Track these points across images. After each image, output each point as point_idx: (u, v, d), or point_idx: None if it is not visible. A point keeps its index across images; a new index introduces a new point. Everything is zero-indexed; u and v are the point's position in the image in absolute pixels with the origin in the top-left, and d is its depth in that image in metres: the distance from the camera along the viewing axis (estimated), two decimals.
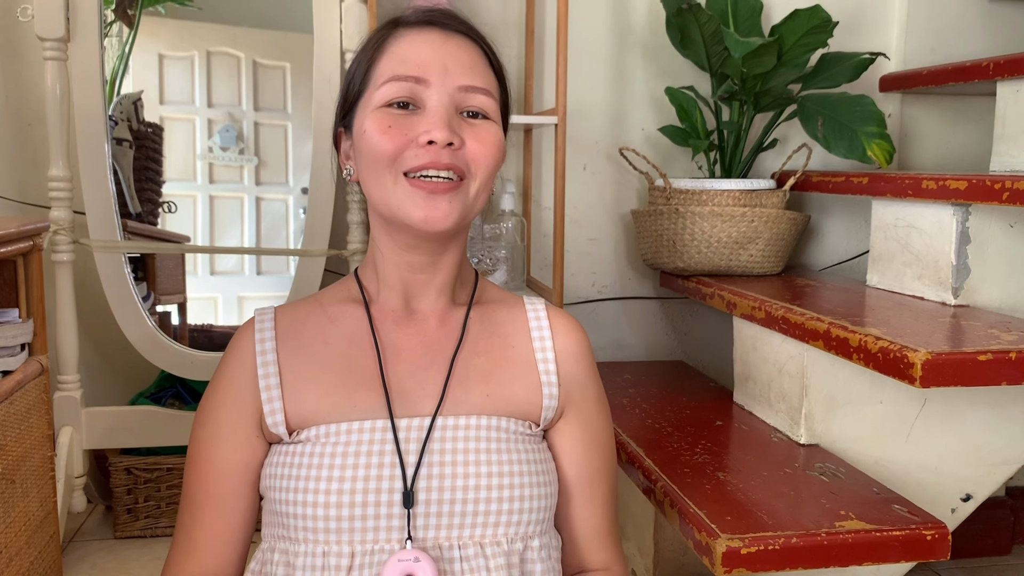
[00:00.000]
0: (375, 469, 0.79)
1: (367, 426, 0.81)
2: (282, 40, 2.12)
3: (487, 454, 0.81)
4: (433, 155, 0.78)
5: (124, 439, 1.80)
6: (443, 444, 0.81)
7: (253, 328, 0.87)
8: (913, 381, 1.11)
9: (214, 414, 0.86)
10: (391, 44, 0.82)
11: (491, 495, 0.80)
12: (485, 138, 0.81)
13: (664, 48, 1.93)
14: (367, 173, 0.82)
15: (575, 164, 1.99)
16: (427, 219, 0.78)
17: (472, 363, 0.86)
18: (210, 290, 2.16)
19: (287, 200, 2.15)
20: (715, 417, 1.55)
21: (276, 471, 0.82)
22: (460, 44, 0.82)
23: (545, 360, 0.89)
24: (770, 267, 1.79)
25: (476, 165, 0.80)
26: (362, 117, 0.82)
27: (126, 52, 2.02)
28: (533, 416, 0.87)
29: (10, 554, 1.27)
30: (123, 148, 1.96)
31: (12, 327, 1.32)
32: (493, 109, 0.83)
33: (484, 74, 0.83)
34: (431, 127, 0.78)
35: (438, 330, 0.87)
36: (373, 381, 0.83)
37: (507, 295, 0.95)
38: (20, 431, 1.32)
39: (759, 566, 1.06)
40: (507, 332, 0.90)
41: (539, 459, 0.85)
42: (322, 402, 0.82)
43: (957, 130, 2.06)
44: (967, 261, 1.43)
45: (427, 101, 0.80)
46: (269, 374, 0.84)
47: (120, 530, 1.83)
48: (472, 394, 0.85)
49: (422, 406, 0.83)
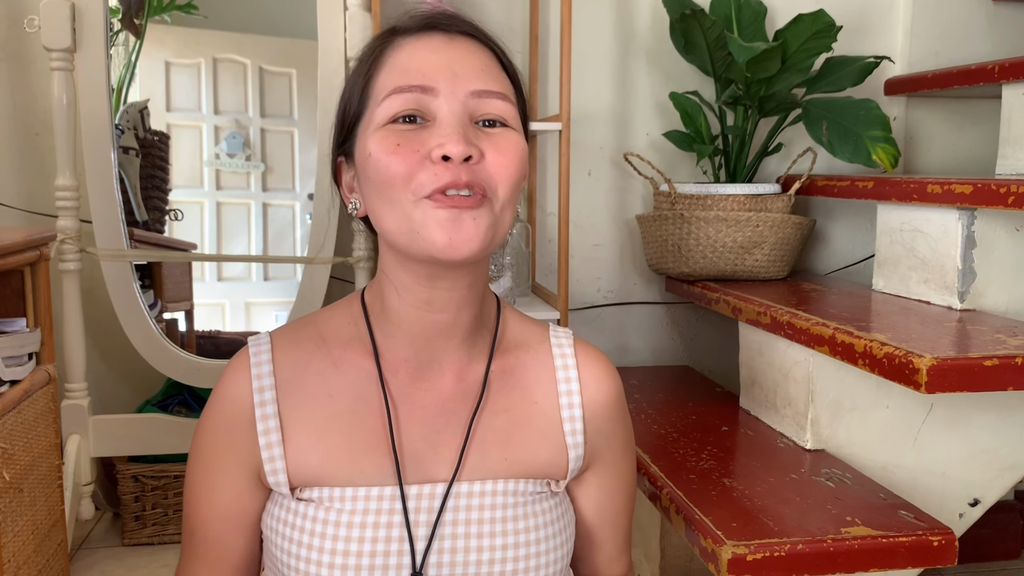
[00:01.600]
0: (382, 544, 0.73)
1: (374, 493, 0.74)
2: (288, 47, 2.13)
3: (503, 523, 0.75)
4: (451, 174, 0.67)
5: (131, 447, 1.80)
6: (456, 515, 0.75)
7: (248, 369, 0.78)
8: (919, 387, 1.10)
9: (210, 459, 0.79)
10: (390, 54, 0.73)
11: (505, 567, 0.75)
12: (506, 148, 0.71)
13: (668, 53, 1.93)
14: (377, 201, 0.71)
15: (579, 170, 1.99)
16: (452, 242, 0.68)
17: (491, 424, 0.78)
18: (217, 296, 2.16)
19: (294, 206, 2.16)
20: (721, 423, 1.55)
21: (277, 526, 0.77)
22: (468, 46, 0.73)
23: (572, 418, 0.81)
24: (776, 272, 1.79)
25: (498, 180, 0.70)
26: (364, 140, 0.72)
27: (132, 61, 2.03)
28: (556, 475, 0.81)
29: (18, 562, 1.27)
30: (129, 156, 1.97)
31: (19, 336, 1.33)
32: (511, 114, 0.73)
33: (497, 77, 0.73)
34: (444, 139, 0.68)
35: (455, 387, 0.78)
36: (382, 444, 0.76)
37: (531, 330, 0.85)
38: (28, 440, 1.33)
39: (765, 572, 1.05)
40: (530, 384, 0.81)
41: (556, 517, 0.79)
42: (325, 464, 0.75)
43: (963, 133, 2.05)
44: (973, 265, 1.43)
45: (437, 112, 0.70)
46: (270, 429, 0.76)
47: (128, 537, 1.83)
48: (489, 458, 0.77)
49: (435, 471, 0.76)
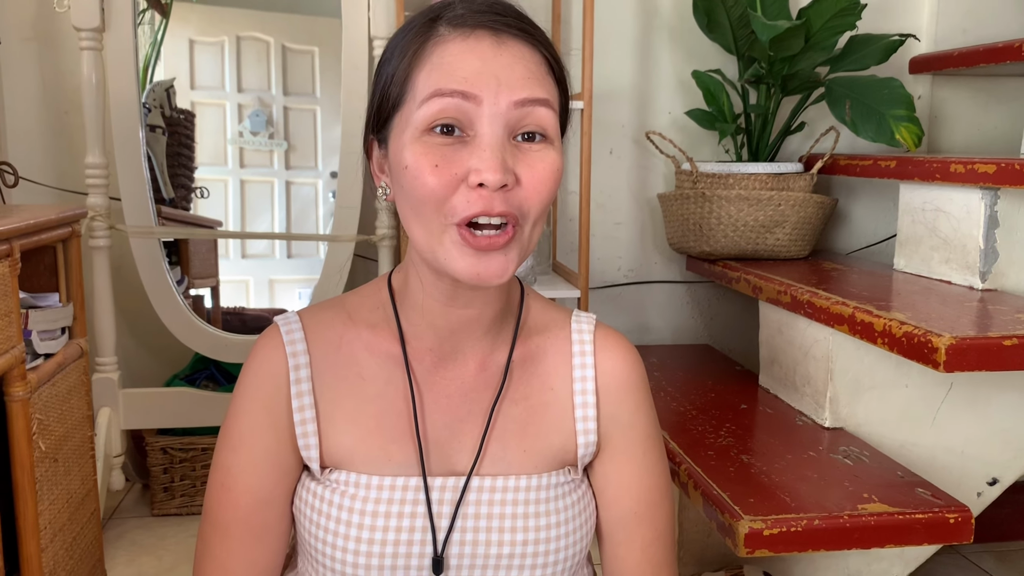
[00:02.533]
0: (406, 533, 0.75)
1: (399, 483, 0.76)
2: (310, 24, 2.14)
3: (524, 519, 0.77)
4: (485, 203, 0.67)
5: (160, 419, 1.85)
6: (477, 508, 0.77)
7: (282, 344, 0.79)
8: (937, 366, 1.11)
9: (249, 442, 0.79)
10: (434, 50, 0.70)
11: (524, 561, 0.77)
12: (541, 171, 0.70)
13: (691, 31, 1.93)
14: (409, 212, 0.72)
15: (601, 148, 2.00)
16: (480, 276, 0.69)
17: (510, 413, 0.80)
18: (242, 273, 2.19)
19: (316, 184, 2.18)
20: (740, 400, 1.56)
21: (306, 510, 0.78)
22: (515, 51, 0.70)
23: (585, 404, 0.81)
24: (797, 251, 1.79)
25: (531, 204, 0.70)
26: (400, 138, 0.71)
27: (158, 40, 2.05)
28: (570, 461, 0.82)
29: (54, 529, 1.31)
30: (156, 135, 2.00)
31: (53, 311, 1.36)
32: (552, 124, 0.72)
33: (543, 82, 0.71)
34: (482, 167, 0.67)
35: (477, 376, 0.80)
36: (407, 431, 0.78)
37: (554, 315, 0.85)
38: (62, 412, 1.37)
39: (781, 547, 1.07)
40: (548, 371, 0.82)
41: (579, 511, 0.80)
42: (357, 449, 0.77)
43: (988, 112, 2.03)
44: (995, 245, 1.42)
45: (477, 126, 0.69)
46: (305, 406, 0.78)
47: (157, 508, 1.88)
48: (509, 450, 0.79)
49: (457, 461, 0.79)
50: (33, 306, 1.34)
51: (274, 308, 2.20)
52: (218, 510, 0.79)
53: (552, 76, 0.73)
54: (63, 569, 1.35)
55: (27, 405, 1.22)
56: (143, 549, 1.74)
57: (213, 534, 0.79)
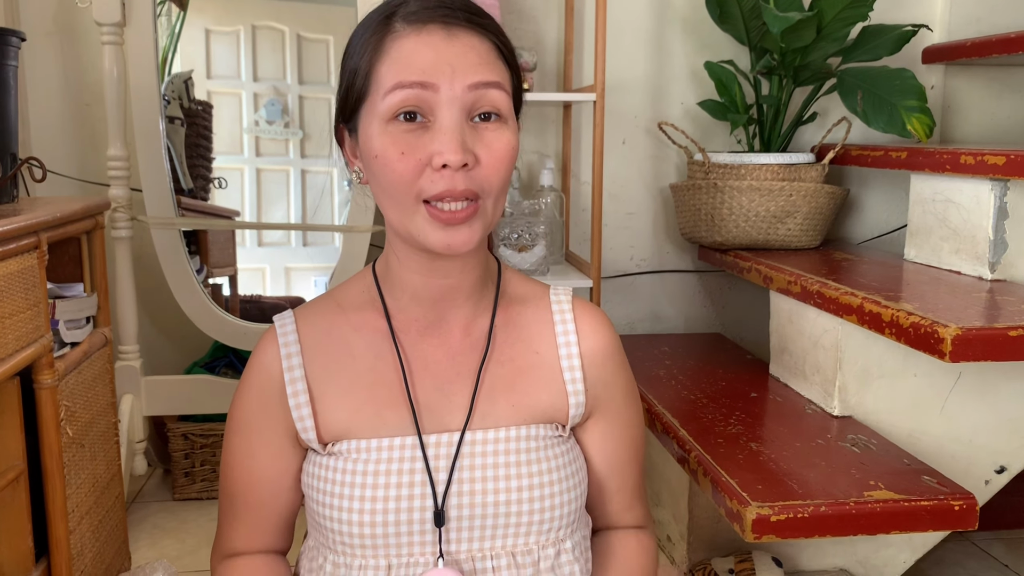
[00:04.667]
0: (406, 488, 0.80)
1: (396, 443, 0.82)
2: (325, 13, 2.16)
3: (516, 467, 0.82)
4: (448, 182, 0.75)
5: (181, 406, 1.89)
6: (472, 460, 0.82)
7: (276, 339, 0.86)
8: (943, 356, 1.13)
9: (245, 426, 0.86)
10: (392, 45, 0.77)
11: (521, 508, 0.81)
12: (498, 150, 0.77)
13: (703, 22, 1.94)
14: (382, 195, 0.80)
15: (614, 139, 2.01)
16: (449, 246, 0.77)
17: (497, 373, 0.86)
18: (258, 261, 2.22)
19: (331, 173, 2.20)
20: (750, 389, 1.58)
21: (311, 481, 0.84)
22: (466, 40, 0.77)
23: (571, 367, 0.87)
24: (808, 241, 1.81)
25: (490, 182, 0.77)
26: (369, 128, 0.78)
27: (176, 32, 2.07)
28: (560, 419, 0.87)
29: (80, 513, 1.35)
30: (175, 126, 2.03)
31: (79, 301, 1.40)
32: (505, 104, 0.79)
33: (494, 65, 0.78)
34: (443, 148, 0.74)
35: (462, 340, 0.86)
36: (400, 397, 0.84)
37: (532, 288, 0.92)
38: (88, 398, 1.41)
39: (788, 533, 1.10)
40: (531, 336, 0.88)
41: (567, 461, 0.85)
42: (352, 419, 0.83)
43: (1002, 102, 2.03)
44: (1004, 236, 1.43)
45: (437, 111, 0.76)
46: (298, 391, 0.84)
47: (178, 492, 1.92)
48: (498, 405, 0.84)
49: (450, 420, 0.84)
50: (59, 296, 1.38)
51: (290, 296, 2.24)
52: (224, 483, 0.89)
53: (503, 60, 0.80)
54: (90, 551, 1.39)
55: (55, 393, 1.26)
56: (165, 532, 1.78)
57: (224, 503, 0.89)
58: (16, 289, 1.16)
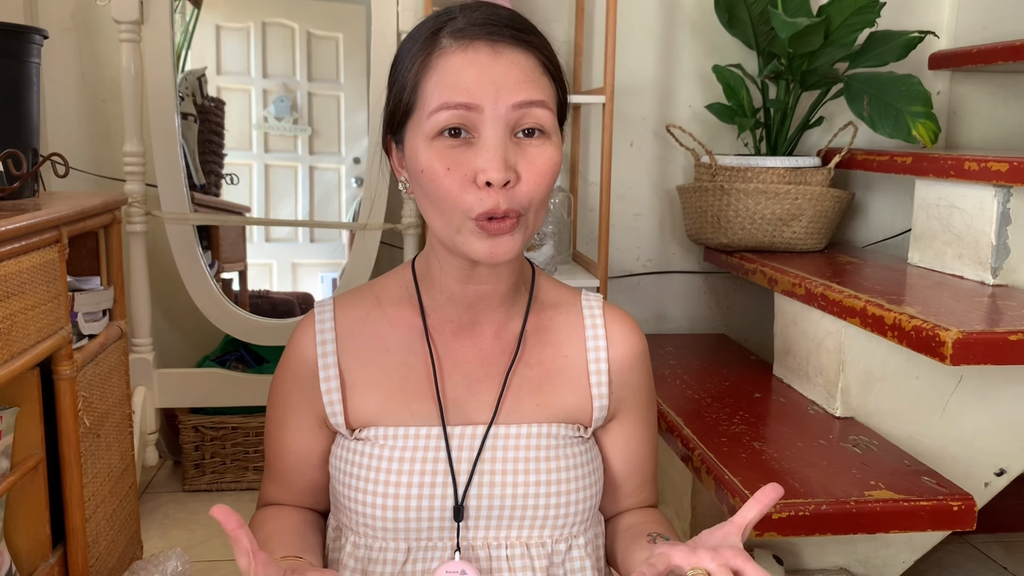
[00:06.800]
0: (428, 476, 0.84)
1: (423, 432, 0.85)
2: (335, 11, 2.18)
3: (536, 462, 0.85)
4: (492, 201, 0.76)
5: (192, 399, 1.92)
6: (494, 454, 0.85)
7: (313, 325, 0.90)
8: (944, 359, 1.15)
9: (281, 401, 0.92)
10: (438, 62, 0.78)
11: (538, 502, 0.84)
12: (541, 166, 0.79)
13: (712, 26, 1.96)
14: (428, 206, 0.81)
15: (622, 140, 2.04)
16: (492, 255, 0.79)
17: (525, 375, 0.88)
18: (265, 257, 2.24)
19: (339, 169, 2.22)
20: (754, 389, 1.61)
21: (338, 464, 0.88)
22: (511, 58, 0.78)
23: (598, 371, 0.90)
24: (813, 244, 1.83)
25: (532, 197, 0.79)
26: (415, 142, 0.80)
27: (191, 29, 2.10)
28: (583, 420, 0.89)
29: (97, 501, 1.38)
30: (188, 122, 2.06)
31: (96, 294, 1.43)
32: (548, 121, 0.79)
33: (538, 83, 0.79)
34: (487, 166, 0.76)
35: (494, 343, 0.89)
36: (429, 391, 0.87)
37: (564, 294, 0.94)
38: (104, 390, 1.43)
39: (789, 530, 1.12)
40: (561, 341, 0.91)
41: (585, 461, 0.88)
42: (381, 408, 0.87)
43: (1008, 108, 2.05)
44: (1007, 242, 1.45)
45: (481, 129, 0.77)
46: (329, 377, 0.87)
47: (188, 484, 1.95)
48: (523, 403, 0.87)
49: (475, 415, 0.87)
50: (78, 289, 1.41)
51: (297, 292, 2.26)
52: (265, 446, 0.96)
53: (548, 76, 0.82)
54: (104, 539, 1.42)
55: (73, 383, 1.28)
56: (175, 523, 1.81)
57: (266, 464, 0.96)
58: (38, 282, 1.19)
